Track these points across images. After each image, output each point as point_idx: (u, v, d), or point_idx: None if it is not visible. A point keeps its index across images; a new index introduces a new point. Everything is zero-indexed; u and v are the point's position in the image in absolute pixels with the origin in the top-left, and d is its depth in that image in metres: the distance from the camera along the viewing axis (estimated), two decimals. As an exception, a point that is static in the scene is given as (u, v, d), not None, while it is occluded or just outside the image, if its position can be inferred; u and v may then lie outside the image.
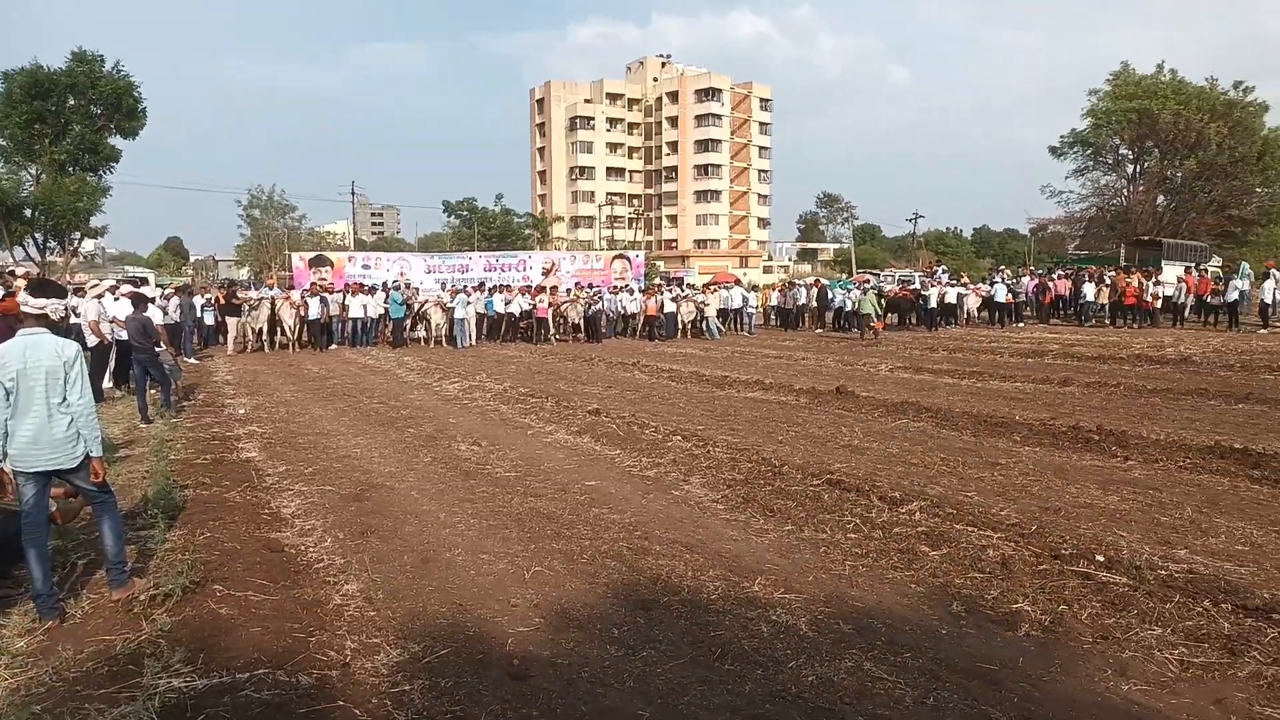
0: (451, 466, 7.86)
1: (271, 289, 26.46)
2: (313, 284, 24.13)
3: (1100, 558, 4.88)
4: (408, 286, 25.05)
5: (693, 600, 4.49)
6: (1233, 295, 23.14)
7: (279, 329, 21.65)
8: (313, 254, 30.24)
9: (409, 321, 23.26)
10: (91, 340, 11.95)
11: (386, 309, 22.93)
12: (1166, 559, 4.89)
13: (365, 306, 22.64)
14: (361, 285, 24.25)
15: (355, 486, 7.15)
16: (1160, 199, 47.37)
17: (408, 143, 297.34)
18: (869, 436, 8.93)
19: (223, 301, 22.02)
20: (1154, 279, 25.59)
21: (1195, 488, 6.58)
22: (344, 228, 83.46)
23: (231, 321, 21.11)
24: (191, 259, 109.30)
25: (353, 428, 10.11)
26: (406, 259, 30.48)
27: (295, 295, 22.60)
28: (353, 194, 69.08)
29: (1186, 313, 24.62)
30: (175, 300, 20.62)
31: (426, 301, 23.63)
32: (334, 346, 21.99)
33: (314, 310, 21.56)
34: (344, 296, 22.77)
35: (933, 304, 25.68)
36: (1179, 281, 25.11)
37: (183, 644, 3.99)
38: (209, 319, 22.21)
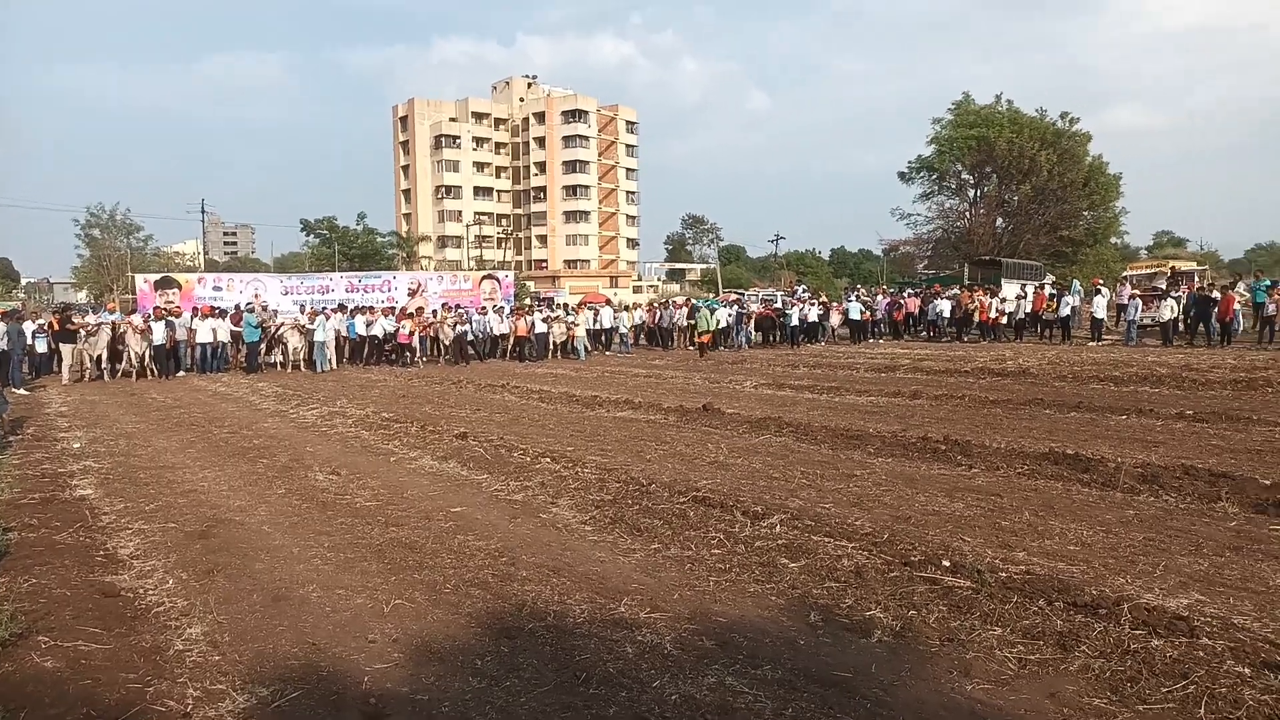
0: (307, 498, 7.53)
1: (112, 313, 24.82)
2: (157, 308, 22.78)
3: (946, 563, 5.13)
4: (263, 309, 23.97)
5: (558, 625, 4.45)
6: (1065, 311, 24.99)
7: (120, 356, 20.31)
8: (159, 276, 28.53)
9: (264, 346, 22.26)
10: None
11: (239, 333, 21.88)
12: (1007, 561, 5.19)
13: (215, 330, 21.53)
14: (212, 308, 23.05)
15: (201, 523, 6.75)
16: (999, 221, 50.84)
17: (264, 159, 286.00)
18: (734, 452, 9.12)
19: (56, 328, 20.51)
20: (998, 296, 27.41)
21: (1033, 492, 7.01)
22: (194, 247, 79.32)
23: (66, 349, 19.68)
24: (23, 282, 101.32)
25: (200, 460, 9.57)
26: (262, 280, 29.19)
27: (138, 319, 21.27)
28: (203, 212, 65.67)
29: (1024, 328, 26.40)
30: (2, 327, 19.03)
31: (283, 324, 22.67)
32: (182, 374, 20.80)
33: (159, 335, 20.34)
34: (192, 320, 21.60)
35: (794, 322, 26.59)
36: (1017, 299, 26.91)
37: (1, 703, 3.65)
38: (41, 346, 20.61)
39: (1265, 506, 6.23)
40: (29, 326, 20.73)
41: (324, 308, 24.52)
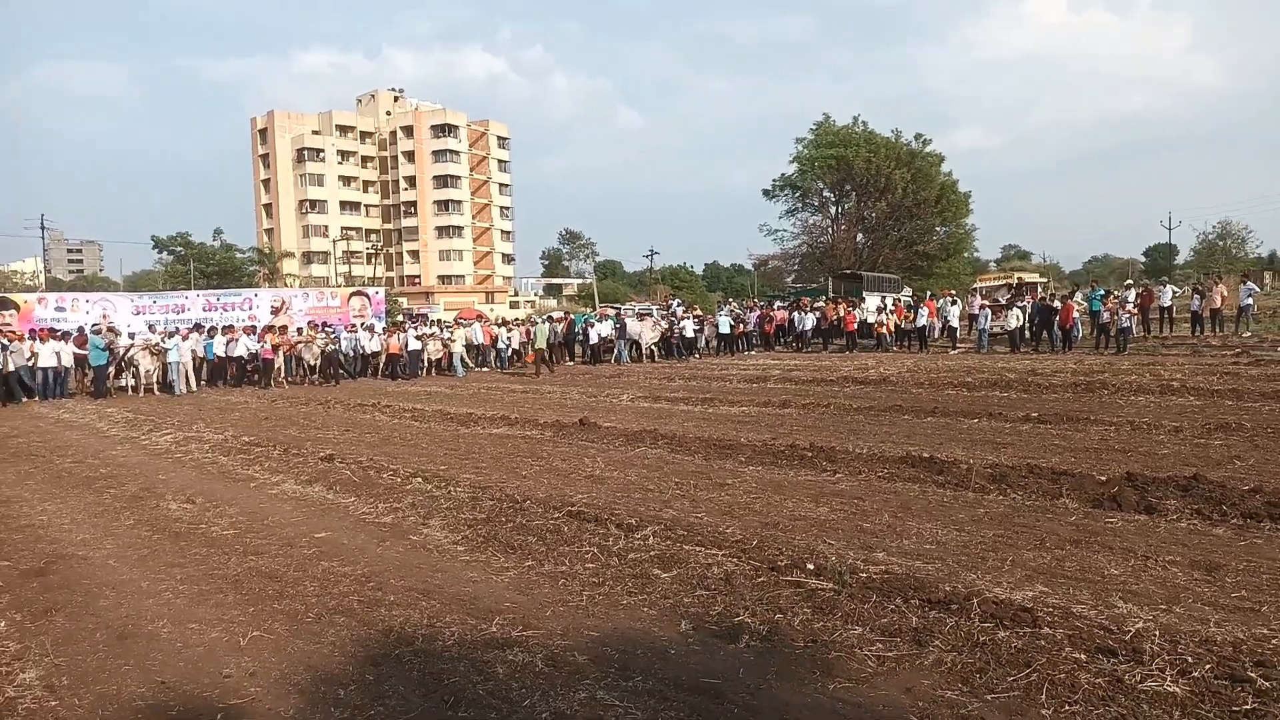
0: (159, 528, 7.11)
1: (-65, 337, 22.79)
2: (-10, 330, 21.08)
3: (810, 566, 5.29)
4: (111, 330, 22.52)
5: (427, 649, 4.35)
6: (921, 321, 26.28)
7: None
8: (-9, 296, 26.46)
9: (113, 369, 20.90)
10: None
11: (84, 356, 20.47)
12: (868, 562, 5.39)
13: (58, 354, 20.07)
14: (54, 330, 21.50)
15: (39, 559, 6.27)
16: (859, 236, 53.18)
17: (111, 173, 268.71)
18: (610, 465, 9.16)
19: None
20: (859, 307, 28.60)
21: (892, 495, 7.32)
22: (34, 265, 73.90)
23: (-120, 376, 17.92)
24: None
25: (40, 492, 8.90)
26: (110, 299, 27.46)
27: (-33, 343, 19.60)
28: (42, 228, 61.30)
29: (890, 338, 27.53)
30: None
31: (133, 346, 21.36)
32: (22, 401, 19.28)
33: (-9, 360, 18.80)
34: (32, 344, 20.08)
35: (673, 337, 26.90)
36: (879, 311, 28.12)
37: None
38: None
39: (1101, 501, 6.70)
40: None
41: (179, 327, 23.25)
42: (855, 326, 27.57)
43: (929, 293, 31.66)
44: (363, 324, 27.13)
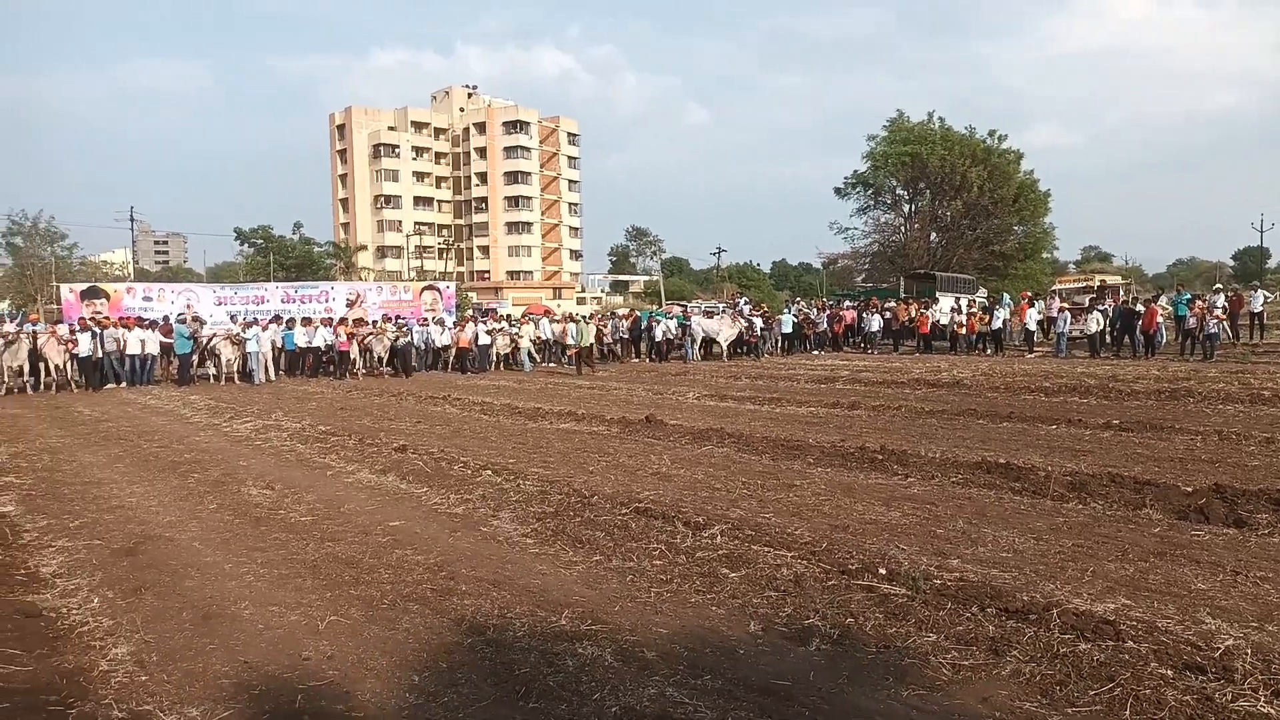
0: (240, 513, 7.35)
1: (35, 324, 23.92)
2: (82, 318, 22.03)
3: (882, 570, 5.22)
4: (195, 319, 23.35)
5: (498, 639, 4.41)
6: (997, 324, 25.69)
7: (45, 367, 19.60)
8: (85, 285, 27.66)
9: (196, 357, 21.68)
10: None
11: (169, 344, 21.28)
12: (941, 569, 5.29)
13: (145, 342, 20.89)
14: (141, 319, 22.39)
15: (129, 540, 6.54)
16: (933, 235, 52.11)
17: (196, 167, 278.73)
18: (676, 463, 9.16)
19: (-27, 338, 19.66)
20: (932, 308, 28.11)
21: (966, 501, 7.18)
22: (123, 256, 76.98)
23: (-16, 360, 18.88)
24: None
25: (128, 475, 9.27)
26: (194, 290, 28.48)
27: (63, 330, 20.55)
28: (132, 220, 63.69)
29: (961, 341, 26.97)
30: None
31: (215, 335, 22.11)
32: (110, 386, 20.13)
33: (84, 346, 19.68)
34: (121, 331, 20.94)
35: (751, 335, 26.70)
36: (952, 313, 27.57)
37: (-92, 733, 3.49)
38: (-43, 358, 19.72)
39: (1187, 513, 6.46)
40: (-56, 337, 19.89)
41: (258, 318, 23.99)
42: (929, 328, 27.07)
43: (1026, 294, 30.78)
44: (434, 318, 27.62)
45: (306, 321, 23.79)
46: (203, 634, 4.57)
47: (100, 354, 20.19)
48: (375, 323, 24.95)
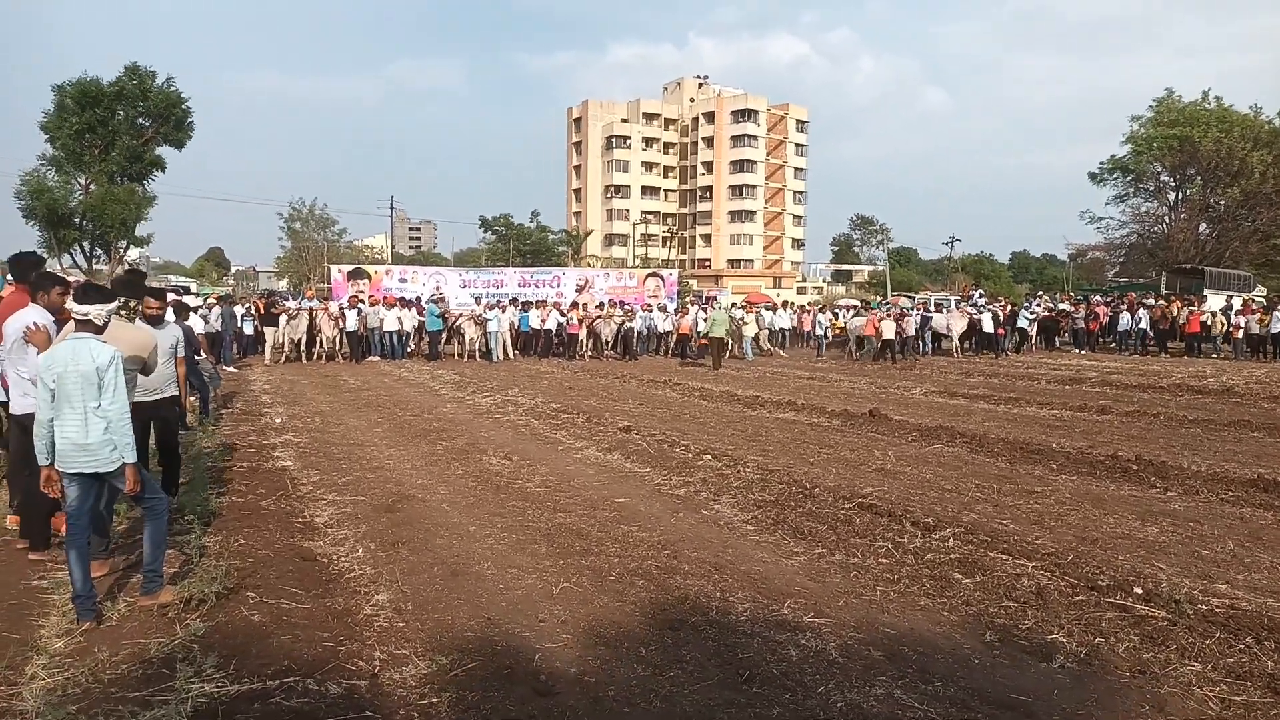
0: (482, 480, 7.90)
1: (310, 300, 26.77)
2: (351, 296, 24.42)
3: (1138, 590, 4.78)
4: (443, 300, 25.26)
5: (720, 621, 4.47)
6: (1277, 326, 22.69)
7: (317, 340, 21.94)
8: (351, 267, 30.61)
9: (444, 335, 23.45)
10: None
11: (422, 322, 23.16)
12: (1207, 593, 4.78)
13: (401, 319, 22.85)
14: (398, 298, 24.50)
15: (387, 497, 7.21)
16: (1202, 227, 46.54)
17: (446, 158, 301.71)
18: (902, 460, 8.84)
19: (262, 311, 22.33)
20: (1199, 307, 25.26)
21: (1238, 521, 6.43)
22: (382, 241, 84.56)
23: (269, 331, 21.40)
24: (233, 269, 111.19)
25: (386, 439, 10.20)
26: (442, 273, 30.74)
27: (333, 307, 22.88)
28: (391, 208, 69.77)
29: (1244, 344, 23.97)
30: (216, 310, 20.96)
31: (461, 315, 23.82)
32: (370, 358, 22.22)
33: (351, 322, 21.82)
34: (381, 309, 23.03)
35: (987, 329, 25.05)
36: (1223, 312, 24.65)
37: (215, 649, 4.04)
38: (248, 329, 22.49)
39: None
40: (239, 310, 22.73)
41: (498, 300, 25.56)
42: (1199, 328, 24.33)
43: (1249, 295, 27.06)
44: (656, 304, 28.25)
45: (540, 304, 25.08)
46: (451, 589, 4.96)
47: (363, 330, 22.30)
48: (602, 306, 25.89)
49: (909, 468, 8.48)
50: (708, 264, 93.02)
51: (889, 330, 22.65)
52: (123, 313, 5.31)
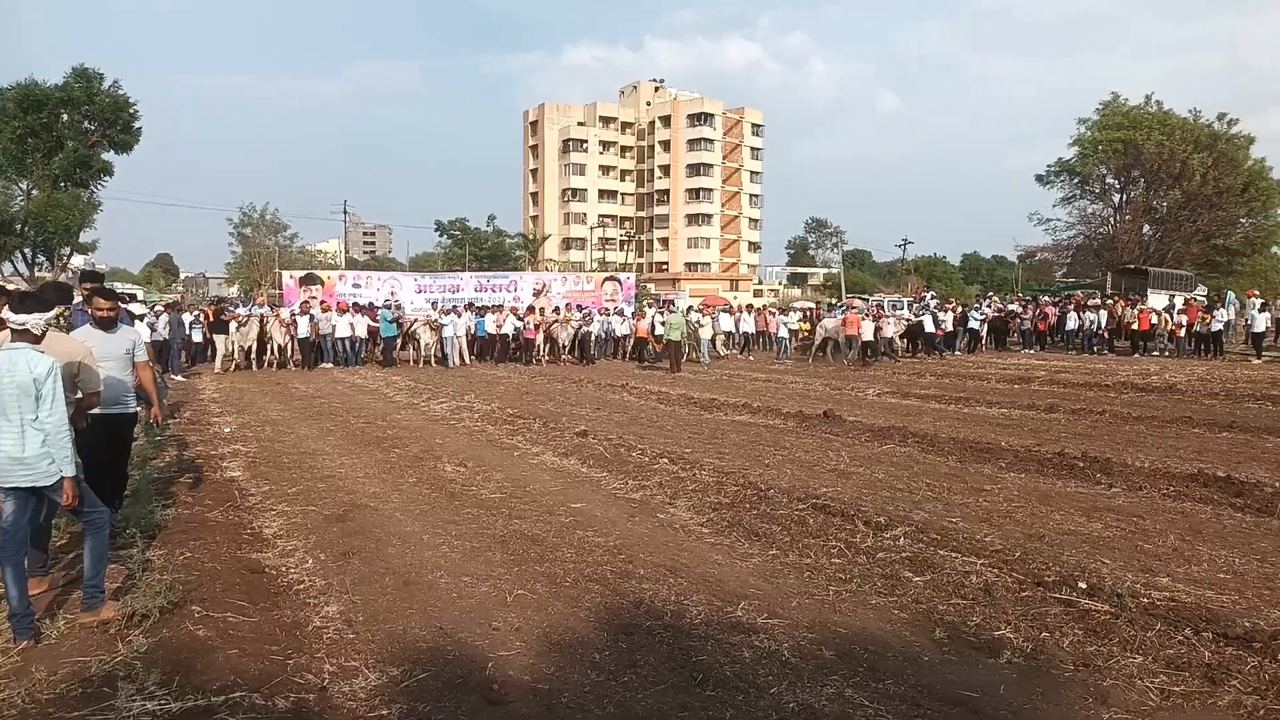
0: (437, 487, 7.83)
1: (261, 307, 26.35)
2: (303, 302, 24.07)
3: (1083, 585, 4.88)
4: (398, 306, 25.00)
5: (675, 625, 4.47)
6: (1218, 325, 23.36)
7: (268, 347, 21.58)
8: (303, 272, 30.19)
9: (399, 341, 23.21)
10: None
11: (376, 328, 22.89)
12: (1149, 587, 4.90)
13: (354, 325, 22.57)
14: (352, 304, 24.20)
15: (339, 507, 7.11)
16: (1146, 228, 47.80)
17: (402, 162, 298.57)
18: (855, 461, 8.94)
19: (211, 319, 21.91)
20: (1139, 306, 25.91)
21: (1179, 515, 6.60)
22: (336, 246, 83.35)
23: (219, 339, 20.99)
24: (181, 276, 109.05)
25: (338, 447, 10.07)
26: (397, 278, 30.50)
27: (285, 313, 22.53)
28: (345, 213, 68.97)
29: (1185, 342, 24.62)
30: (164, 317, 20.53)
31: (416, 321, 23.59)
32: (323, 365, 21.91)
33: (303, 329, 21.49)
34: (334, 315, 22.73)
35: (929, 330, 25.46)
36: (1165, 311, 25.33)
37: (158, 666, 3.95)
38: (197, 336, 22.06)
39: None
40: (187, 318, 22.28)
41: (454, 305, 25.36)
42: (1149, 327, 24.95)
43: (1253, 293, 27.84)
44: (614, 308, 28.26)
45: (496, 309, 24.93)
46: (403, 599, 4.90)
47: (315, 336, 21.98)
48: (558, 310, 25.82)
49: (862, 468, 8.58)
50: (665, 267, 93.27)
51: (868, 331, 22.91)
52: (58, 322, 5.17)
